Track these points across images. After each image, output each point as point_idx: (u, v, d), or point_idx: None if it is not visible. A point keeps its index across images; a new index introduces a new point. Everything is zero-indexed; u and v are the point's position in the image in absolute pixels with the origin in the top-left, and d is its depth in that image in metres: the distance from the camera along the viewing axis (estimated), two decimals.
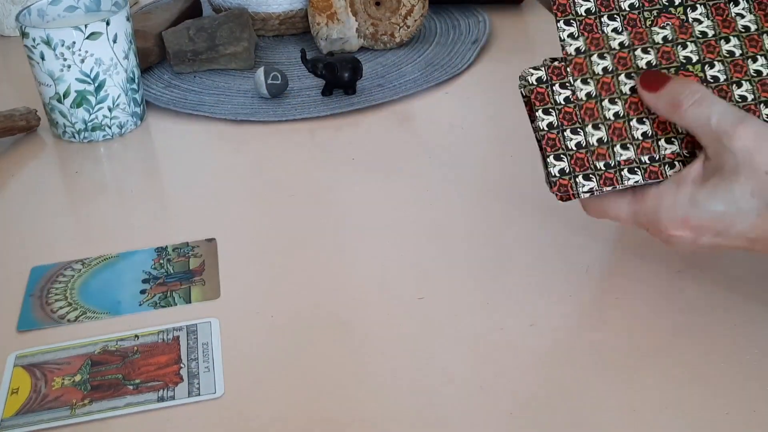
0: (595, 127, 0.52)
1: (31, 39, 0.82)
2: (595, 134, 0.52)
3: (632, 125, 0.52)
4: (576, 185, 0.53)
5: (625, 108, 0.52)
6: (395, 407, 0.53)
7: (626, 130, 0.52)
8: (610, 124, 0.52)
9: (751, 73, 0.52)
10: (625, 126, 0.52)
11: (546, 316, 0.59)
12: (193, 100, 0.92)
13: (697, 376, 0.53)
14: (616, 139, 0.52)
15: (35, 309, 0.64)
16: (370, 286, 0.64)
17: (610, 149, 0.52)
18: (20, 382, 0.57)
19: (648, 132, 0.52)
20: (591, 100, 0.52)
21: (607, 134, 0.52)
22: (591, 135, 0.52)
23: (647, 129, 0.52)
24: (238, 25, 0.98)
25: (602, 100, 0.52)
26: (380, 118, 0.87)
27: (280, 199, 0.75)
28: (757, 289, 0.59)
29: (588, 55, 0.53)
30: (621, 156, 0.52)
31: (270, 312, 0.62)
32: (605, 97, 0.52)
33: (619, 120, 0.52)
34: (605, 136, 0.52)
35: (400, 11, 0.98)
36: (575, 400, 0.52)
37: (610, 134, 0.52)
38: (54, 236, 0.73)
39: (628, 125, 0.52)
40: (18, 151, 0.87)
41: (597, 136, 0.52)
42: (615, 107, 0.52)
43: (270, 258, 0.67)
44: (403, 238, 0.68)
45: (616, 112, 0.52)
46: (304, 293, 0.63)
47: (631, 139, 0.52)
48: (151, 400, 0.55)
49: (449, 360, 0.56)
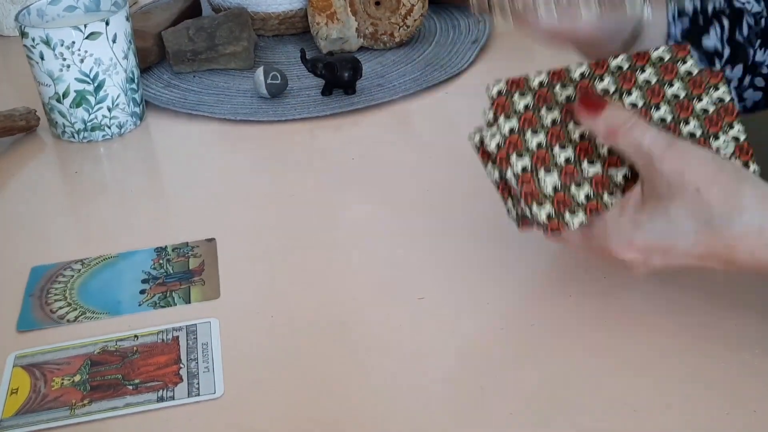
0: (519, 155, 0.53)
1: (31, 39, 0.82)
2: (520, 163, 0.53)
3: (555, 151, 0.53)
4: (535, 225, 0.54)
5: (547, 138, 0.54)
6: (395, 407, 0.53)
7: (549, 158, 0.53)
8: (533, 153, 0.53)
9: (668, 97, 0.54)
10: (548, 153, 0.53)
11: (546, 316, 0.59)
12: (192, 99, 0.92)
13: (697, 376, 0.53)
14: (540, 165, 0.53)
15: (35, 309, 0.64)
16: (370, 285, 0.63)
17: (534, 175, 0.53)
18: (20, 383, 0.57)
19: (570, 157, 0.53)
20: (514, 134, 0.54)
21: (531, 162, 0.53)
22: (516, 164, 0.53)
23: (570, 155, 0.53)
24: (237, 24, 0.98)
25: (525, 133, 0.53)
26: (380, 118, 0.87)
27: (280, 199, 0.75)
28: (758, 289, 0.59)
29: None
30: (545, 182, 0.53)
31: (270, 312, 0.62)
32: (527, 129, 0.54)
33: (541, 149, 0.53)
34: (529, 164, 0.53)
35: (399, 11, 0.98)
36: (575, 400, 0.52)
37: (534, 162, 0.53)
38: (53, 236, 0.73)
39: (551, 151, 0.53)
40: (17, 151, 0.87)
41: (521, 165, 0.53)
42: (538, 138, 0.54)
43: (270, 258, 0.67)
44: (402, 237, 0.68)
45: (539, 142, 0.54)
46: (303, 293, 0.63)
47: (555, 165, 0.53)
48: (150, 400, 0.55)
49: (449, 360, 0.56)
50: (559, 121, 0.54)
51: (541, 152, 0.53)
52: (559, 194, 0.53)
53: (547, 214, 0.53)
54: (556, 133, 0.53)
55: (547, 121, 0.54)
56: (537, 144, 0.53)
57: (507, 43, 1.01)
